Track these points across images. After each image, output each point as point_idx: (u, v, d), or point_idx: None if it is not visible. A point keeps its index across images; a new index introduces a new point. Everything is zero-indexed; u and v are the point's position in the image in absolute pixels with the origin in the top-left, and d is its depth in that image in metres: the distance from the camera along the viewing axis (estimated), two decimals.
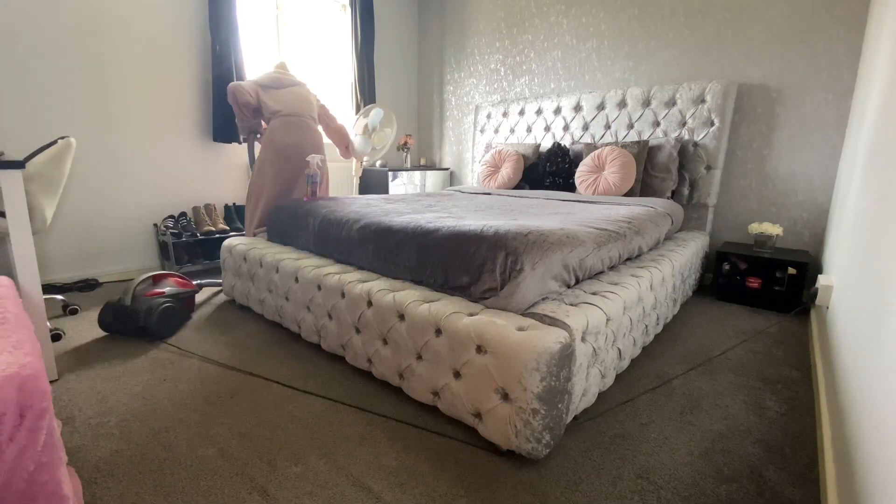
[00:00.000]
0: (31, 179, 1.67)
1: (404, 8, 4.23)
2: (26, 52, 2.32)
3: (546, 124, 3.35)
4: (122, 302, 1.83)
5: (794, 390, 1.50)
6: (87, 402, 1.36)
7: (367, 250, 1.65)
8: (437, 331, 1.23)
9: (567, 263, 1.34)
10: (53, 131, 2.44)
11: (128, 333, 1.85)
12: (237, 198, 3.28)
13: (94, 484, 1.02)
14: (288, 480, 1.04)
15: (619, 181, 2.58)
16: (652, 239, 1.97)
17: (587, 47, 3.20)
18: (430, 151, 4.55)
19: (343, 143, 2.91)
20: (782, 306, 2.28)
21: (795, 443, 1.21)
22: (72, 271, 2.62)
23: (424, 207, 2.09)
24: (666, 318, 1.94)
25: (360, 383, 1.50)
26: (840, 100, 2.28)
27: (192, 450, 1.14)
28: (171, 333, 1.89)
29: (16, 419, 0.66)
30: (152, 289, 1.94)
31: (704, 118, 2.59)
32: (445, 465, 1.10)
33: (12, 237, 1.34)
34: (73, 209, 2.57)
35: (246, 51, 3.05)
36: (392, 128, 3.17)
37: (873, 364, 0.81)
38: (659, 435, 1.23)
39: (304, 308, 1.73)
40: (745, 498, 1.01)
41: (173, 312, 1.89)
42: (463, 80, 4.08)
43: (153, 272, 2.03)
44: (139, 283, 1.91)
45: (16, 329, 0.87)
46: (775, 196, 2.54)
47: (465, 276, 1.33)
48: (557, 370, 1.04)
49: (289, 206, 2.15)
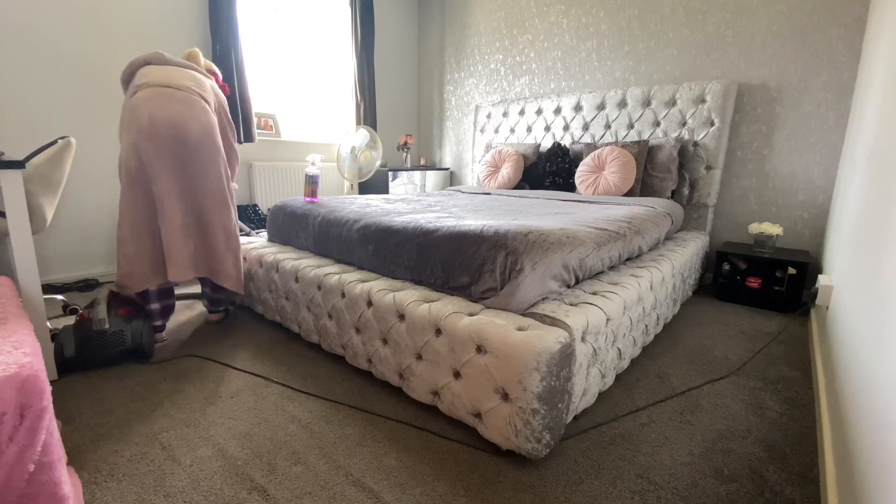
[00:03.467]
0: (31, 179, 1.67)
1: (404, 8, 4.23)
2: (26, 53, 2.32)
3: (546, 124, 3.35)
4: (99, 327, 1.55)
5: (794, 390, 1.50)
6: (87, 402, 1.36)
7: (367, 250, 1.65)
8: (437, 331, 1.23)
9: (567, 263, 1.34)
10: (53, 131, 2.44)
11: (109, 363, 1.60)
12: (238, 198, 3.28)
13: (94, 484, 1.02)
14: (288, 480, 1.04)
15: (619, 181, 2.58)
16: (652, 239, 1.97)
17: (587, 47, 3.20)
18: (430, 151, 4.55)
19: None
20: (782, 306, 2.28)
21: (795, 443, 1.21)
22: (72, 271, 2.62)
23: (424, 207, 2.09)
24: (666, 317, 1.94)
25: (360, 383, 1.50)
26: (840, 100, 2.28)
27: (192, 450, 1.14)
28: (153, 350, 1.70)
29: (16, 419, 0.66)
30: (123, 306, 1.66)
31: (704, 118, 2.59)
32: (445, 465, 1.10)
33: (12, 237, 1.34)
34: (73, 209, 2.56)
35: (246, 51, 3.05)
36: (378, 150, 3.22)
37: (873, 364, 0.81)
38: (659, 435, 1.23)
39: (304, 308, 1.73)
40: (745, 498, 1.01)
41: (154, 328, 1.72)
42: (463, 80, 4.08)
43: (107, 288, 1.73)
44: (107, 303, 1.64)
45: (16, 329, 0.87)
46: (775, 196, 2.54)
47: (465, 276, 1.33)
48: (557, 370, 1.04)
49: (289, 206, 2.15)
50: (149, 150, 1.55)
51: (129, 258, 1.61)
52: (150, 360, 1.65)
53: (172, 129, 1.58)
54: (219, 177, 1.72)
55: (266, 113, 3.44)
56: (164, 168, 1.58)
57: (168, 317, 1.83)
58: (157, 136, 1.55)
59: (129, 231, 1.60)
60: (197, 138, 1.64)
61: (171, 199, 1.61)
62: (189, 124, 1.61)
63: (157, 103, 1.57)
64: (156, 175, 1.57)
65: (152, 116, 1.55)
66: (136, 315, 1.65)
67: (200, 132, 1.64)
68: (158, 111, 1.56)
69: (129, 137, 1.56)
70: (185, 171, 1.63)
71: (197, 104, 1.66)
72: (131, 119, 1.55)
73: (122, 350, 1.59)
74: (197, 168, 1.66)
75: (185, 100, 1.63)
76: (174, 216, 1.62)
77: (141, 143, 1.54)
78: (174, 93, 1.62)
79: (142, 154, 1.55)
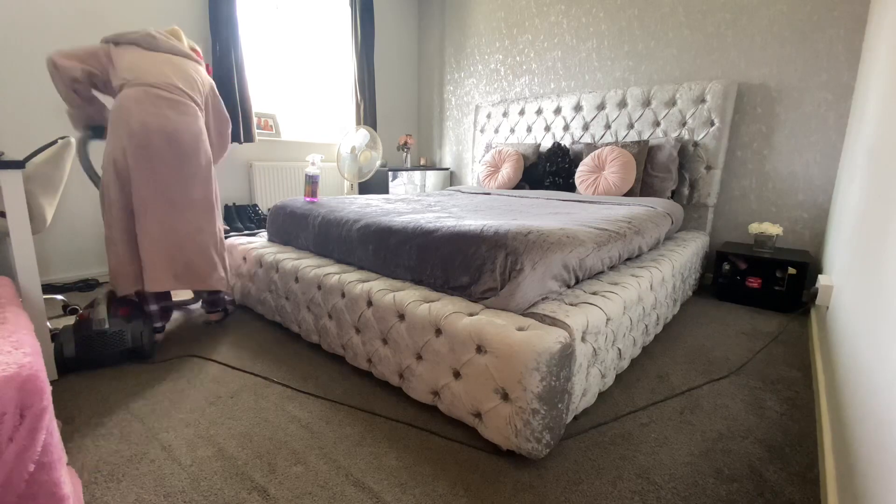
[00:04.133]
0: (31, 179, 1.66)
1: (404, 8, 4.23)
2: (26, 53, 2.31)
3: (546, 124, 3.35)
4: (100, 327, 1.54)
5: (794, 390, 1.50)
6: (87, 402, 1.36)
7: (367, 250, 1.65)
8: (437, 331, 1.23)
9: (567, 263, 1.34)
10: (53, 131, 2.44)
11: (109, 363, 1.60)
12: (238, 198, 3.28)
13: (94, 484, 1.02)
14: (288, 480, 1.04)
15: (620, 181, 2.58)
16: (652, 239, 1.97)
17: (587, 47, 3.20)
18: (430, 151, 4.55)
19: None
20: (782, 306, 2.29)
21: (795, 443, 1.21)
22: (72, 271, 2.62)
23: (424, 207, 2.09)
24: (666, 318, 1.94)
25: (360, 383, 1.50)
26: (840, 100, 2.28)
27: (192, 450, 1.14)
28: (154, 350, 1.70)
29: (16, 419, 0.66)
30: (123, 306, 1.65)
31: (704, 118, 2.59)
32: (445, 465, 1.10)
33: (12, 237, 1.34)
34: (73, 209, 2.56)
35: (246, 51, 3.05)
36: (378, 150, 3.22)
37: (873, 364, 0.81)
38: (659, 435, 1.23)
39: (304, 308, 1.73)
40: (745, 498, 1.01)
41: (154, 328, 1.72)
42: (463, 80, 4.08)
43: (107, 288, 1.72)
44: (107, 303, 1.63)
45: (16, 329, 0.87)
46: (775, 196, 2.54)
47: (465, 276, 1.33)
48: (557, 370, 1.05)
49: (289, 206, 2.15)
50: (138, 157, 1.52)
51: (119, 256, 1.59)
52: (150, 360, 1.65)
53: (165, 138, 1.56)
54: (206, 183, 1.70)
55: (266, 113, 3.44)
56: (150, 178, 1.55)
57: (167, 318, 1.82)
58: (148, 145, 1.53)
59: (117, 231, 1.57)
60: (190, 149, 1.62)
61: (154, 209, 1.58)
62: (182, 134, 1.60)
63: (149, 108, 1.54)
64: (141, 183, 1.54)
65: (145, 123, 1.52)
66: (136, 315, 1.65)
67: (192, 141, 1.63)
68: (151, 118, 1.53)
69: (117, 139, 1.51)
70: (172, 180, 1.60)
71: (189, 110, 1.64)
72: (120, 120, 1.51)
73: (122, 350, 1.58)
74: (186, 177, 1.64)
75: (177, 106, 1.61)
76: (153, 228, 1.59)
77: (130, 149, 1.51)
78: (166, 97, 1.58)
79: (129, 159, 1.52)
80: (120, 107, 1.52)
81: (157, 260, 1.62)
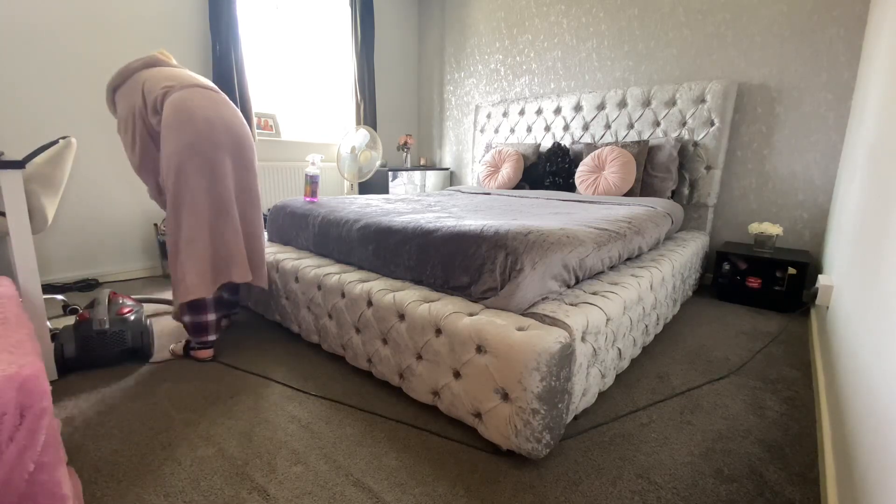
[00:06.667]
0: (31, 179, 1.67)
1: (404, 8, 4.23)
2: (27, 53, 2.32)
3: (546, 124, 3.35)
4: (100, 327, 1.53)
5: (794, 390, 1.50)
6: (87, 401, 1.36)
7: (367, 250, 1.65)
8: (437, 331, 1.23)
9: (567, 263, 1.34)
10: (53, 131, 2.44)
11: (109, 363, 1.60)
12: None
13: (94, 484, 1.02)
14: (288, 480, 1.04)
15: (620, 181, 2.58)
16: (652, 239, 1.97)
17: (587, 47, 3.20)
18: (430, 151, 4.55)
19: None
20: (782, 306, 2.28)
21: (795, 443, 1.21)
22: (72, 271, 2.62)
23: (424, 207, 2.09)
24: (666, 317, 1.94)
25: (360, 383, 1.50)
26: (840, 100, 2.28)
27: (192, 450, 1.14)
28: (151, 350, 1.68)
29: (16, 419, 0.66)
30: (123, 305, 1.66)
31: (704, 118, 2.59)
32: (445, 465, 1.10)
33: (12, 237, 1.34)
34: (73, 209, 2.56)
35: (246, 51, 3.05)
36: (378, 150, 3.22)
37: (873, 364, 0.81)
38: (659, 435, 1.23)
39: (304, 308, 1.73)
40: (745, 498, 1.01)
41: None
42: (463, 80, 4.08)
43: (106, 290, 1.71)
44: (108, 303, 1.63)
45: (16, 329, 0.87)
46: (775, 196, 2.54)
47: (465, 276, 1.33)
48: (557, 370, 1.04)
49: (289, 206, 2.15)
50: (209, 153, 1.49)
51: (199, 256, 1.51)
52: (150, 360, 1.65)
53: (229, 132, 1.55)
54: (257, 177, 1.70)
55: (266, 113, 3.44)
56: (225, 171, 1.54)
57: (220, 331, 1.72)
58: (216, 139, 1.51)
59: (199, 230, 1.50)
60: (247, 141, 1.63)
61: (231, 201, 1.57)
62: (241, 127, 1.61)
63: (206, 103, 1.52)
64: (219, 177, 1.52)
65: (208, 119, 1.49)
66: (136, 315, 1.65)
67: (247, 135, 1.63)
68: (212, 113, 1.51)
69: (182, 137, 1.45)
70: (239, 173, 1.60)
71: (231, 104, 1.64)
72: (181, 119, 1.46)
73: (122, 350, 1.58)
74: (249, 170, 1.64)
75: (227, 102, 1.61)
76: (235, 222, 1.59)
77: (199, 145, 1.47)
78: (215, 95, 1.58)
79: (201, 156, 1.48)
80: (178, 108, 1.47)
81: (238, 249, 1.60)
